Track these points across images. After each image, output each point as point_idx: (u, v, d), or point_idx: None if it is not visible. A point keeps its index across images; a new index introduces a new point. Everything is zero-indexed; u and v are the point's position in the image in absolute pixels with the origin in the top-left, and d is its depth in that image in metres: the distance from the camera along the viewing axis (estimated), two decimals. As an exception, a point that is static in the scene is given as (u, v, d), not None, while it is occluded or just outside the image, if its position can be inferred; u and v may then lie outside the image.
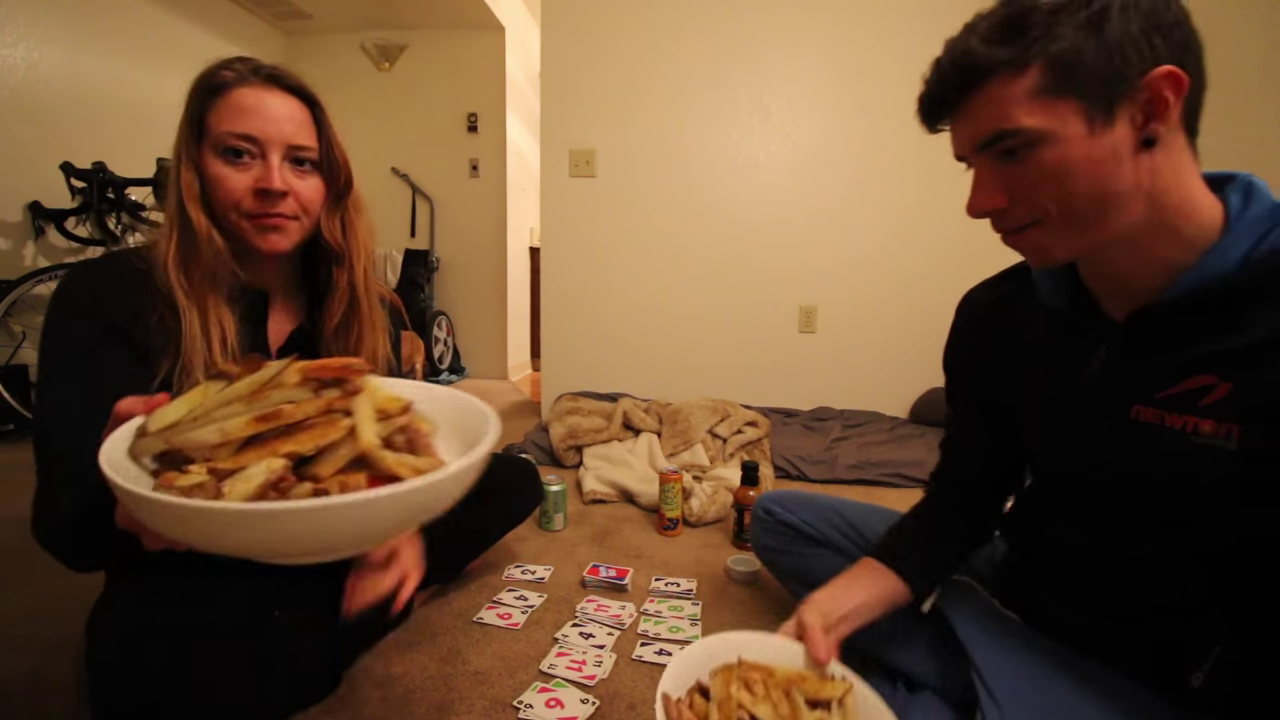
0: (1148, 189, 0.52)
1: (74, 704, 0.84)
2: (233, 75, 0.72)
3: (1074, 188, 0.52)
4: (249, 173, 0.73)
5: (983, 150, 0.55)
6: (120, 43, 2.68)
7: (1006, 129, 0.52)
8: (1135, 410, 0.58)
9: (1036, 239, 0.56)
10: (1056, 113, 0.51)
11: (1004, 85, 0.51)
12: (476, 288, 3.85)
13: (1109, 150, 0.51)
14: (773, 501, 1.07)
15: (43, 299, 2.32)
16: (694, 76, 2.47)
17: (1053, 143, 0.51)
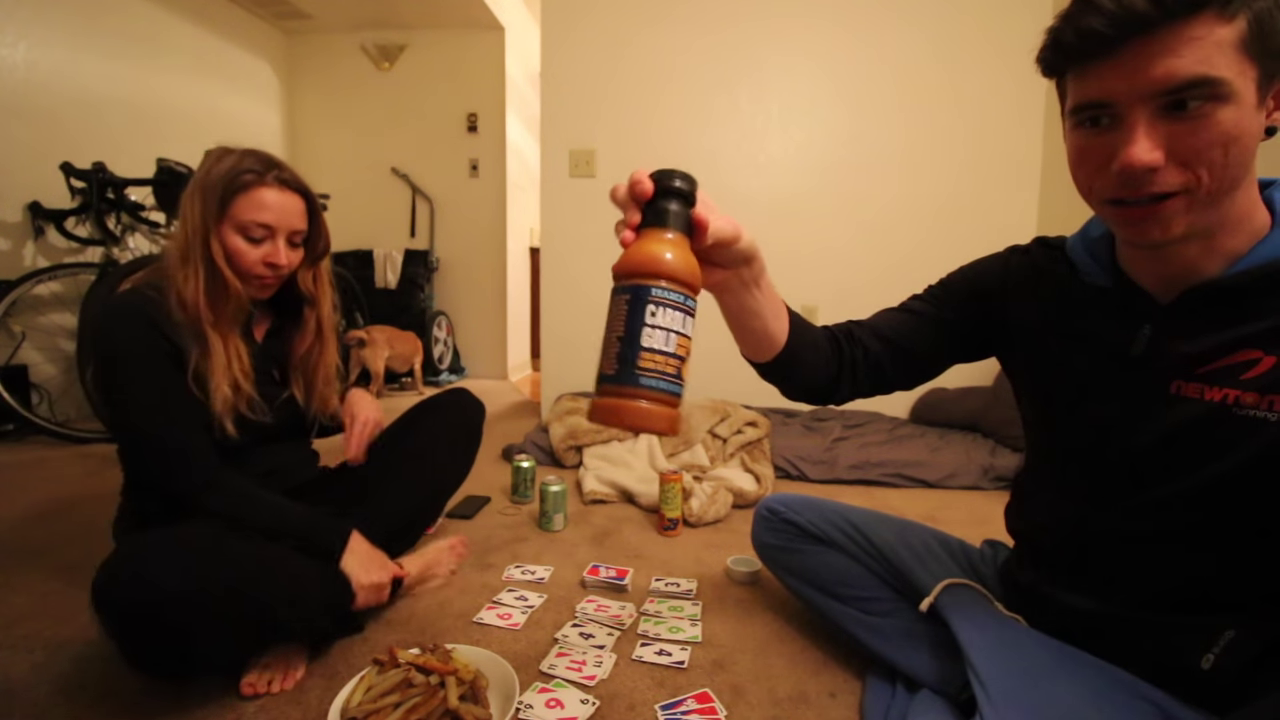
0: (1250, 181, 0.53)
1: (74, 704, 0.84)
2: (253, 177, 0.96)
3: (1234, 158, 0.50)
4: (261, 249, 0.98)
5: (1160, 97, 0.49)
6: (120, 43, 2.68)
7: (1211, 75, 0.47)
8: (1176, 385, 0.59)
9: (1171, 210, 0.52)
10: (1245, 73, 0.48)
11: (1209, 26, 0.47)
12: (476, 288, 3.85)
13: (1258, 128, 0.50)
14: (777, 502, 1.08)
15: (43, 299, 2.32)
16: (694, 77, 2.47)
17: (1234, 104, 0.48)
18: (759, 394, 2.56)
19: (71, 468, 1.90)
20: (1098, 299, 0.66)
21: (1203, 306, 0.58)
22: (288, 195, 0.99)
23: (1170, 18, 0.47)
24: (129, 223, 2.34)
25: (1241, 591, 0.60)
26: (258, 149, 1.01)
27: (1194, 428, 0.58)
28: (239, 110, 3.40)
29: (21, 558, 1.28)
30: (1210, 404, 0.57)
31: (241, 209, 0.96)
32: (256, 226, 0.96)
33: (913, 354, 0.79)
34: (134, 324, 0.92)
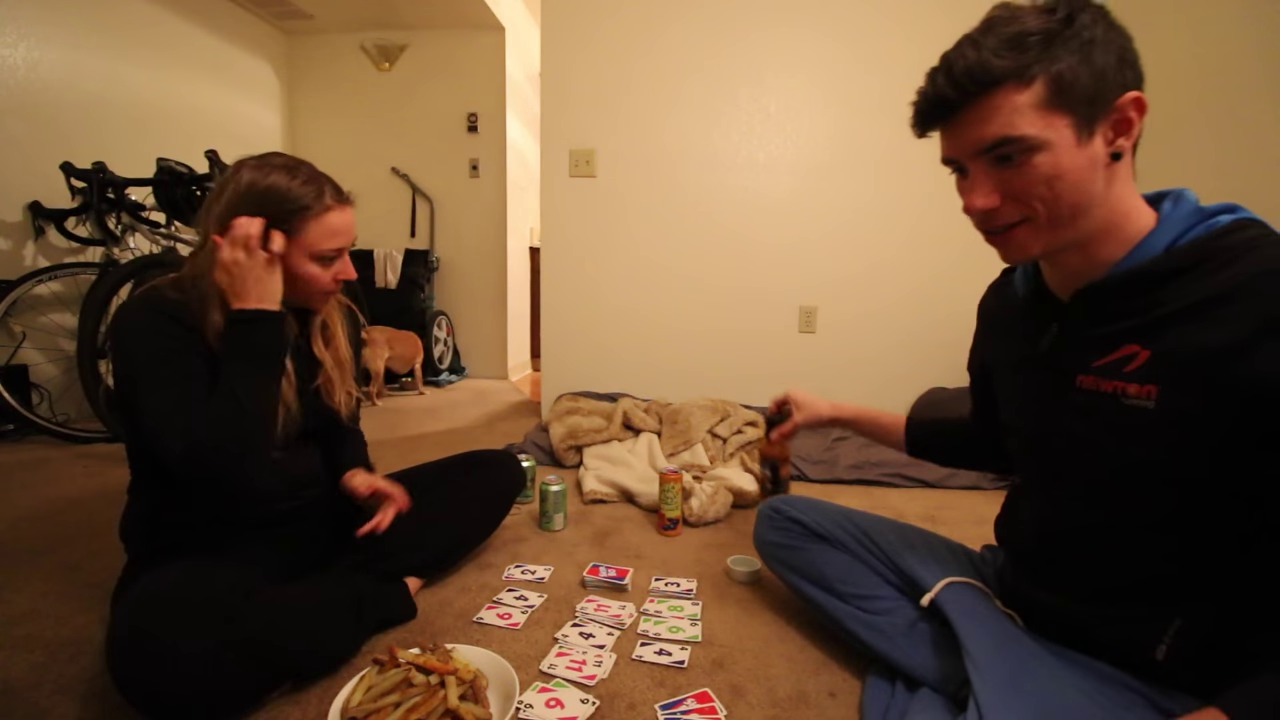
0: (1113, 197, 0.61)
1: (74, 704, 0.84)
2: (320, 206, 0.94)
3: (1061, 191, 0.59)
4: (333, 268, 0.99)
5: (983, 154, 0.61)
6: (120, 43, 2.68)
7: (1012, 135, 0.58)
8: (1079, 379, 0.66)
9: (1021, 236, 0.63)
10: (1053, 124, 0.58)
11: (1009, 95, 0.58)
12: (476, 288, 3.85)
13: (1089, 161, 0.59)
14: (780, 501, 1.09)
15: (43, 299, 2.32)
16: (694, 76, 2.47)
17: (1048, 150, 0.58)
18: (759, 394, 2.56)
19: (71, 468, 1.90)
20: (1024, 309, 0.76)
21: (1090, 306, 0.66)
22: (347, 211, 0.99)
23: (972, 97, 0.59)
24: (129, 223, 2.34)
25: (1180, 579, 0.63)
26: (296, 160, 0.97)
27: (1094, 419, 0.65)
28: (239, 110, 3.40)
29: (21, 558, 1.28)
30: (1104, 394, 0.63)
31: (316, 237, 0.94)
32: (332, 251, 0.96)
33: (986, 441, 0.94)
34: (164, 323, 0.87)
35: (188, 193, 2.32)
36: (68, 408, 2.35)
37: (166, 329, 0.86)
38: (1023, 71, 0.57)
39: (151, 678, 0.72)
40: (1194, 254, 0.58)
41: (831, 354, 2.53)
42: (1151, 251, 0.61)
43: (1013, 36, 0.57)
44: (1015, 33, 0.57)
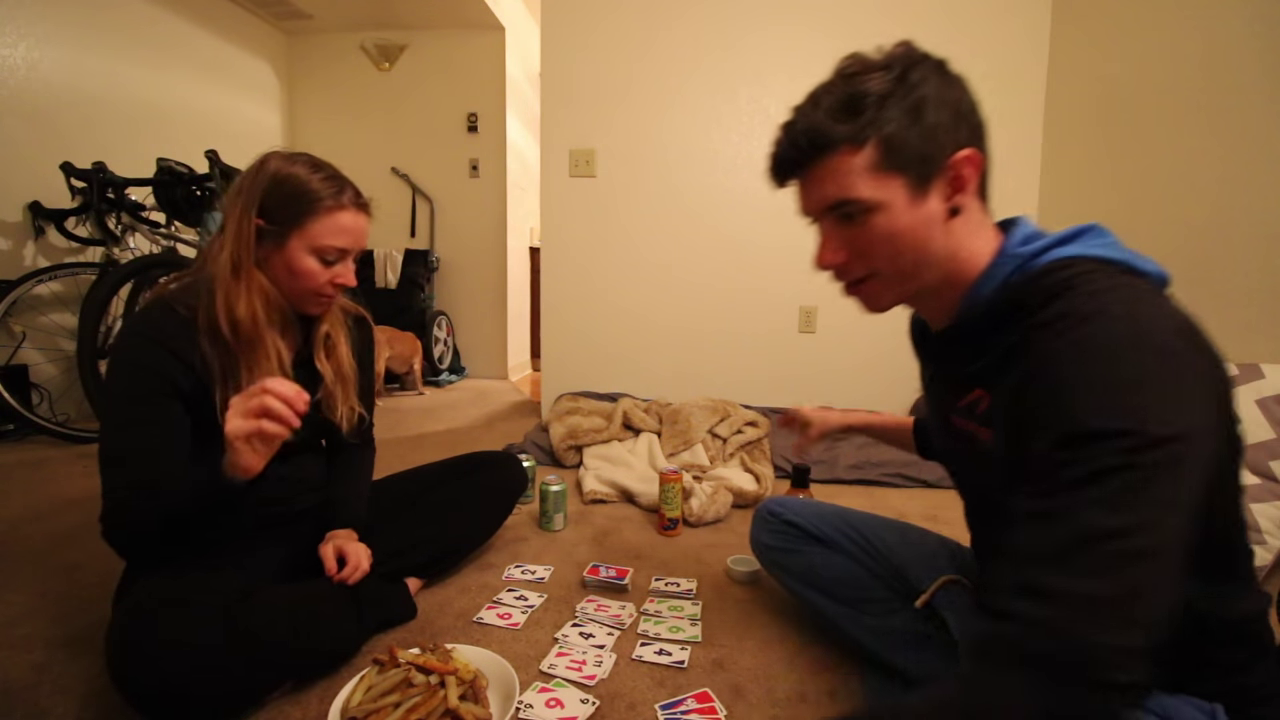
0: (952, 249, 0.62)
1: (74, 704, 0.84)
2: (333, 201, 0.92)
3: (900, 249, 0.61)
4: (331, 270, 0.95)
5: (827, 213, 0.62)
6: (120, 43, 2.68)
7: (848, 198, 0.59)
8: (951, 418, 0.68)
9: (871, 290, 0.65)
10: (887, 186, 0.59)
11: (845, 158, 0.59)
12: (476, 288, 3.85)
13: (925, 219, 0.60)
14: (776, 504, 1.09)
15: (43, 299, 2.32)
16: (694, 76, 2.47)
17: (883, 211, 0.59)
18: (759, 394, 2.56)
19: (71, 468, 1.90)
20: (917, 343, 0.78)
21: (944, 352, 0.69)
22: (361, 216, 0.96)
23: (810, 161, 0.61)
24: (129, 222, 2.34)
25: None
26: (321, 160, 0.96)
27: (965, 458, 0.69)
28: (239, 110, 3.39)
29: (21, 558, 1.28)
30: (966, 434, 0.65)
31: (320, 231, 0.91)
32: (333, 250, 0.93)
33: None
34: (146, 352, 0.86)
35: (188, 193, 2.32)
36: (68, 408, 2.35)
37: (155, 365, 0.85)
38: (856, 135, 0.58)
39: (152, 679, 0.72)
40: (1005, 302, 0.59)
41: (831, 354, 2.54)
42: (979, 298, 0.62)
43: (847, 99, 0.58)
44: (850, 94, 0.58)
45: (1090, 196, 2.14)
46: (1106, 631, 0.43)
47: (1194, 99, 1.71)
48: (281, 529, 1.02)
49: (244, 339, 0.89)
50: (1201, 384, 0.47)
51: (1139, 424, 0.44)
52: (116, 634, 0.76)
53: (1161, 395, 0.45)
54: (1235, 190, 1.58)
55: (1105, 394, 0.46)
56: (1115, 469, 0.44)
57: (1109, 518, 0.44)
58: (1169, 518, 0.44)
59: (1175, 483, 0.44)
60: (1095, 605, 0.43)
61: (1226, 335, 1.57)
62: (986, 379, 0.61)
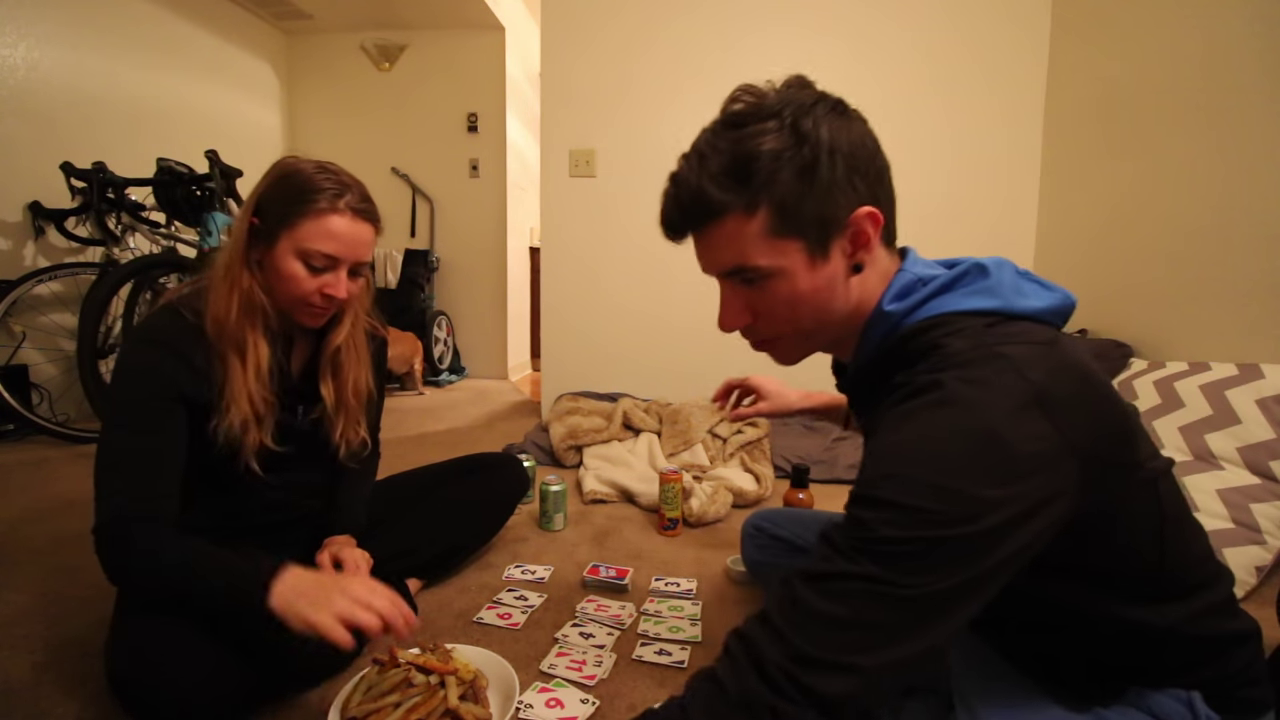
0: (854, 303, 0.60)
1: (75, 704, 0.84)
2: (326, 203, 0.86)
3: (801, 312, 0.59)
4: (319, 279, 0.88)
5: (725, 277, 0.61)
6: (120, 43, 2.68)
7: (743, 265, 0.57)
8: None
9: (780, 348, 0.65)
10: (783, 251, 0.56)
11: (737, 224, 0.56)
12: (476, 288, 3.85)
13: (827, 280, 0.58)
14: (762, 519, 1.11)
15: (43, 299, 2.32)
16: (694, 76, 2.47)
17: (781, 277, 0.57)
18: (759, 394, 2.56)
19: (71, 468, 1.90)
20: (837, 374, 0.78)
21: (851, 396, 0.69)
22: (359, 225, 0.89)
23: (700, 225, 0.58)
24: (129, 222, 2.34)
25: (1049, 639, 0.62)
26: (332, 164, 0.91)
27: None
28: (239, 110, 3.39)
29: (21, 558, 1.28)
30: None
31: (307, 234, 0.85)
32: (320, 255, 0.86)
33: None
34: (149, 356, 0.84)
35: (188, 193, 2.32)
36: (68, 408, 2.35)
37: (158, 370, 0.84)
38: (747, 203, 0.55)
39: (153, 692, 0.72)
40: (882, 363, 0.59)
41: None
42: (863, 355, 0.62)
43: (736, 161, 0.54)
44: (738, 155, 0.54)
45: (1090, 197, 2.14)
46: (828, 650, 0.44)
47: (1194, 99, 1.71)
48: (282, 534, 1.02)
49: (221, 339, 0.86)
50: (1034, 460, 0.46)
51: (927, 501, 0.44)
52: (116, 646, 0.76)
53: (962, 477, 0.45)
54: (1235, 190, 1.58)
55: (906, 465, 0.46)
56: (887, 531, 0.45)
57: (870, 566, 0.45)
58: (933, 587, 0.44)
59: (952, 559, 0.45)
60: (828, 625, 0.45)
61: (1226, 335, 1.57)
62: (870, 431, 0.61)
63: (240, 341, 0.87)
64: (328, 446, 1.01)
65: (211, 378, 0.86)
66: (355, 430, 1.02)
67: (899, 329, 0.58)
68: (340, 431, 1.00)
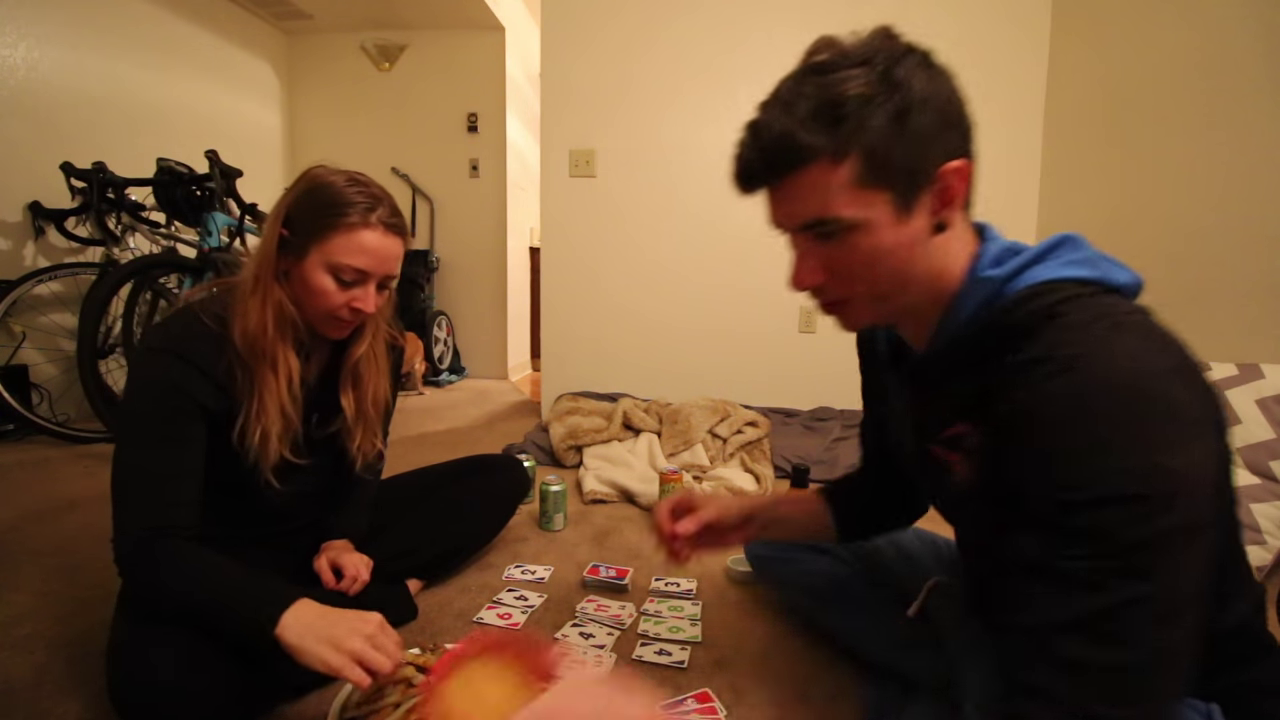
0: (935, 268, 0.57)
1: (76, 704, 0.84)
2: (358, 217, 0.85)
3: (881, 270, 0.55)
4: (348, 293, 0.87)
5: (801, 231, 0.57)
6: (120, 43, 2.68)
7: (826, 217, 0.54)
8: (931, 448, 0.64)
9: (850, 310, 0.60)
10: (870, 202, 0.53)
11: (823, 172, 0.52)
12: (476, 288, 3.85)
13: (911, 237, 0.55)
14: None
15: (43, 299, 2.32)
16: (694, 76, 2.47)
17: (864, 231, 0.54)
18: (759, 394, 2.56)
19: (71, 468, 1.90)
20: (888, 365, 0.72)
21: (922, 377, 0.64)
22: (390, 239, 0.88)
23: (782, 175, 0.55)
24: (129, 223, 2.34)
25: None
26: (363, 175, 0.90)
27: (944, 490, 0.65)
28: (239, 110, 3.39)
29: (21, 558, 1.28)
30: (948, 467, 0.62)
31: (338, 249, 0.84)
32: (350, 270, 0.85)
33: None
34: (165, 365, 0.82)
35: (188, 193, 2.32)
36: (68, 408, 2.35)
37: (176, 380, 0.82)
38: (836, 148, 0.51)
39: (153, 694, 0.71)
40: (985, 332, 0.55)
41: (831, 354, 2.53)
42: (954, 325, 0.58)
43: (825, 104, 0.51)
44: (827, 99, 0.51)
45: (1090, 197, 2.14)
46: (1129, 703, 0.42)
47: (1194, 99, 1.71)
48: (287, 539, 1.02)
49: (253, 353, 0.85)
50: (1198, 425, 0.45)
51: (1145, 487, 0.42)
52: (116, 659, 0.75)
53: (1160, 450, 0.43)
54: (1235, 191, 1.58)
55: (1103, 455, 0.43)
56: (1126, 535, 0.42)
57: (1128, 586, 0.42)
58: (1186, 576, 0.43)
59: (1189, 539, 0.43)
60: (1118, 675, 0.42)
61: (1226, 335, 1.57)
62: (967, 413, 0.57)
63: (273, 355, 0.86)
64: (344, 457, 1.01)
65: (231, 389, 0.85)
66: (373, 442, 1.02)
67: (1001, 297, 0.54)
68: (358, 443, 1.00)
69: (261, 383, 0.86)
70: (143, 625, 0.77)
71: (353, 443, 1.00)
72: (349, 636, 0.72)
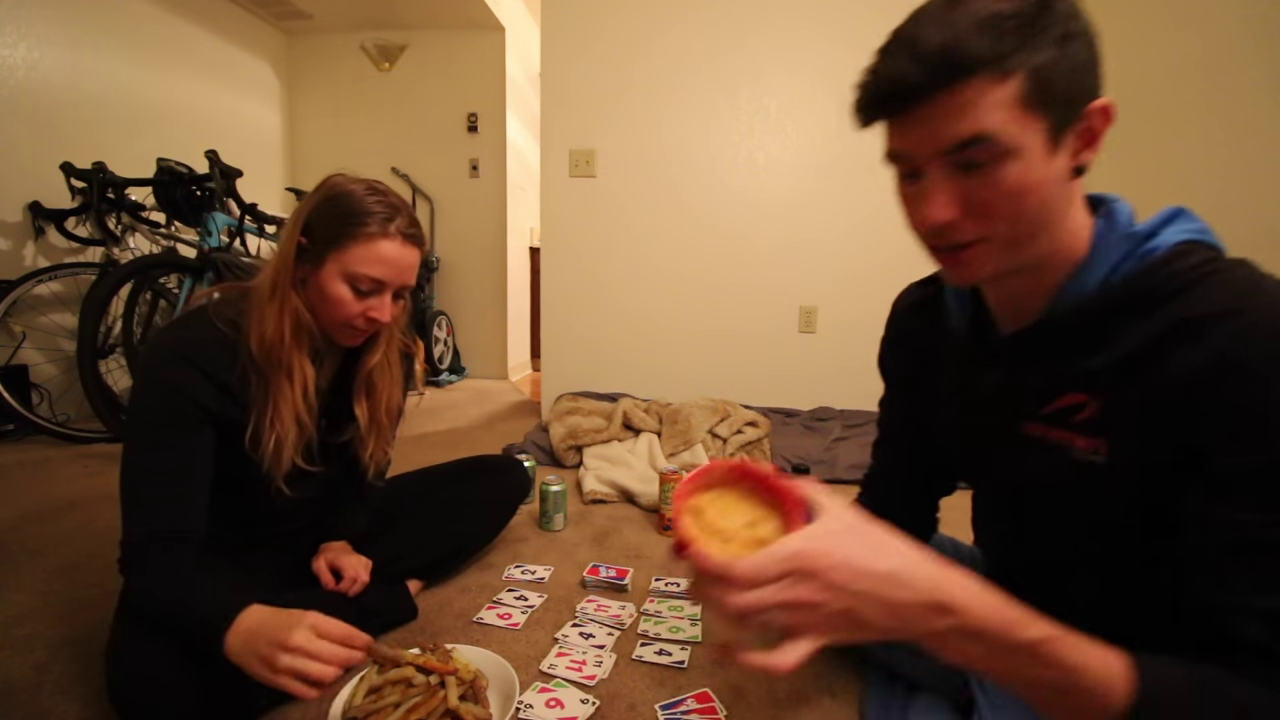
0: (1068, 217, 0.54)
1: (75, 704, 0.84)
2: (377, 228, 0.85)
3: (1025, 208, 0.51)
4: (365, 302, 0.87)
5: (947, 155, 0.51)
6: (120, 43, 2.68)
7: (986, 133, 0.48)
8: (1025, 426, 0.60)
9: (975, 256, 0.54)
10: (1027, 127, 0.49)
11: (987, 87, 0.48)
12: (476, 288, 3.85)
13: (1056, 174, 0.51)
14: None
15: (43, 299, 2.32)
16: (694, 76, 2.47)
17: (1017, 158, 0.49)
18: (759, 394, 2.56)
19: (71, 468, 1.90)
20: (962, 342, 0.68)
21: (1032, 346, 0.59)
22: (408, 249, 0.88)
23: (943, 83, 0.48)
24: (129, 223, 2.34)
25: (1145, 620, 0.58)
26: (381, 184, 0.90)
27: (1044, 470, 0.60)
28: (239, 110, 3.39)
29: (21, 558, 1.28)
30: (1051, 444, 0.58)
31: (355, 258, 0.84)
32: (368, 280, 0.85)
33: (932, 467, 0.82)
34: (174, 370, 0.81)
35: (187, 193, 2.32)
36: (68, 408, 2.35)
37: (192, 390, 0.81)
38: (1002, 60, 0.47)
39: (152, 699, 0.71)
40: (1131, 291, 0.52)
41: (831, 354, 2.54)
42: (1085, 286, 0.55)
43: (988, 17, 0.47)
44: (990, 13, 0.47)
45: (1090, 197, 2.14)
46: None
47: (1194, 99, 1.71)
48: (289, 540, 1.02)
49: (269, 361, 0.85)
50: None
51: None
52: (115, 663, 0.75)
53: None
54: (1235, 190, 1.58)
55: None
56: None
57: None
58: None
59: None
60: None
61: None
62: (1096, 381, 0.54)
63: (289, 364, 0.86)
64: (356, 465, 1.01)
65: (243, 396, 0.85)
66: (385, 450, 1.03)
67: (1146, 253, 0.52)
68: (370, 451, 1.00)
69: (277, 391, 0.86)
70: (142, 626, 0.77)
71: (365, 451, 1.00)
72: (277, 653, 0.70)
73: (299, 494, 0.92)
